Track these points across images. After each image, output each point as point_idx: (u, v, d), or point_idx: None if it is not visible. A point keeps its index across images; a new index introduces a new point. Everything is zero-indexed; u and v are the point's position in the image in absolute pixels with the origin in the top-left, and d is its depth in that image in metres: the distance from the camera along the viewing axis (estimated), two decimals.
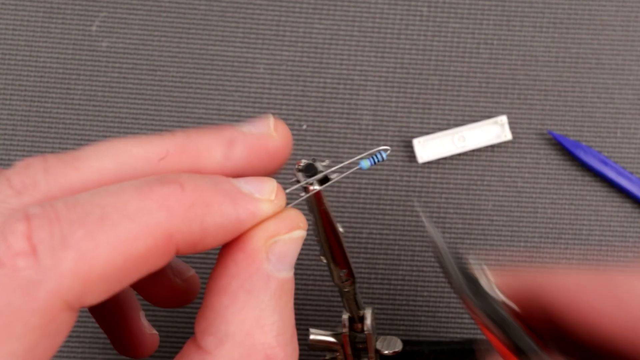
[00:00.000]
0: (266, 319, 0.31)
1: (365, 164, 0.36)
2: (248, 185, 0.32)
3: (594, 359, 0.36)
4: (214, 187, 0.31)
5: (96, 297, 0.29)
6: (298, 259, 0.50)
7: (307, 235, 0.50)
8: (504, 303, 0.34)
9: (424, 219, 0.35)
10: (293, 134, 0.52)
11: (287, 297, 0.32)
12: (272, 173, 0.34)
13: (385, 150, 0.35)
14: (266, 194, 0.32)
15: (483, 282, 0.34)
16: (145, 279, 0.33)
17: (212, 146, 0.34)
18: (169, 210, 0.29)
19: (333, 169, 0.35)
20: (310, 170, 0.35)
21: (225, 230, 0.31)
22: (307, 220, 0.34)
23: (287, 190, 0.35)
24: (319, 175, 0.35)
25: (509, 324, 0.33)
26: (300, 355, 0.50)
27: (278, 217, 0.32)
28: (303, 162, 0.35)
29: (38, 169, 0.32)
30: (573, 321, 0.34)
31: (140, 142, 0.33)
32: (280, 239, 0.32)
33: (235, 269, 0.32)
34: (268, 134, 0.34)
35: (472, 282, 0.34)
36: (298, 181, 0.35)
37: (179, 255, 0.31)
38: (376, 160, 0.35)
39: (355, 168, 0.36)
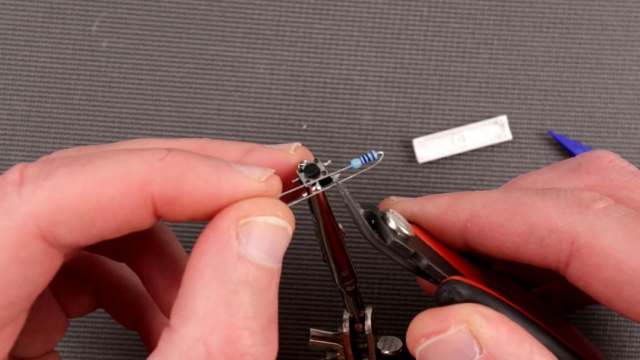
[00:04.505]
0: (234, 299, 0.31)
1: (356, 163, 0.36)
2: (242, 166, 0.33)
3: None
4: (203, 157, 0.32)
5: (69, 232, 0.31)
6: (298, 258, 0.50)
7: (308, 235, 0.50)
8: (404, 235, 0.37)
9: (338, 184, 0.36)
10: (293, 134, 0.52)
11: (264, 285, 0.31)
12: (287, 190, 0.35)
13: (378, 152, 0.36)
14: (256, 175, 0.32)
15: (391, 223, 0.36)
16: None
17: (230, 150, 0.35)
18: (148, 164, 0.31)
19: (331, 174, 0.35)
20: (312, 171, 0.35)
21: (203, 195, 0.31)
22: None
23: (290, 191, 0.35)
24: (322, 177, 0.35)
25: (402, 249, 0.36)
26: (300, 355, 0.50)
27: (254, 200, 0.32)
28: (305, 162, 0.35)
29: (74, 149, 0.36)
30: (479, 235, 0.37)
31: (168, 140, 0.35)
32: (252, 221, 0.32)
33: (204, 246, 0.31)
34: (286, 151, 0.35)
35: (377, 226, 0.36)
36: (300, 181, 0.35)
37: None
38: (367, 159, 0.36)
39: (346, 168, 0.36)
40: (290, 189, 0.35)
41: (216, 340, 0.30)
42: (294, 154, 0.35)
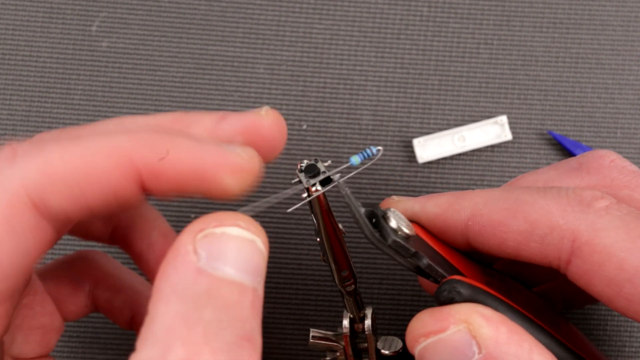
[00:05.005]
0: (193, 314, 0.29)
1: (355, 160, 0.36)
2: (224, 143, 0.34)
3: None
4: (187, 134, 0.33)
5: (59, 200, 0.32)
6: (298, 258, 0.50)
7: (308, 235, 0.50)
8: (404, 235, 0.37)
9: (339, 183, 0.36)
10: (293, 134, 0.52)
11: (231, 299, 0.30)
12: (267, 160, 0.35)
13: (376, 147, 0.36)
14: (236, 149, 0.33)
15: (392, 222, 0.37)
16: None
17: (204, 119, 0.36)
18: (135, 139, 0.32)
19: (330, 172, 0.36)
20: (312, 171, 0.35)
21: (189, 166, 0.32)
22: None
23: (290, 192, 0.35)
24: (321, 177, 0.35)
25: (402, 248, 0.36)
26: (300, 355, 0.50)
27: (214, 214, 0.32)
28: (305, 162, 0.35)
29: (61, 130, 0.36)
30: (481, 234, 0.37)
31: (145, 115, 0.36)
32: (210, 233, 0.31)
33: (164, 265, 0.31)
34: (258, 115, 0.36)
35: (378, 225, 0.37)
36: (300, 182, 0.35)
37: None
38: (366, 155, 0.36)
39: (346, 165, 0.36)
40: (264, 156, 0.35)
41: (174, 358, 0.29)
42: (266, 116, 0.35)
